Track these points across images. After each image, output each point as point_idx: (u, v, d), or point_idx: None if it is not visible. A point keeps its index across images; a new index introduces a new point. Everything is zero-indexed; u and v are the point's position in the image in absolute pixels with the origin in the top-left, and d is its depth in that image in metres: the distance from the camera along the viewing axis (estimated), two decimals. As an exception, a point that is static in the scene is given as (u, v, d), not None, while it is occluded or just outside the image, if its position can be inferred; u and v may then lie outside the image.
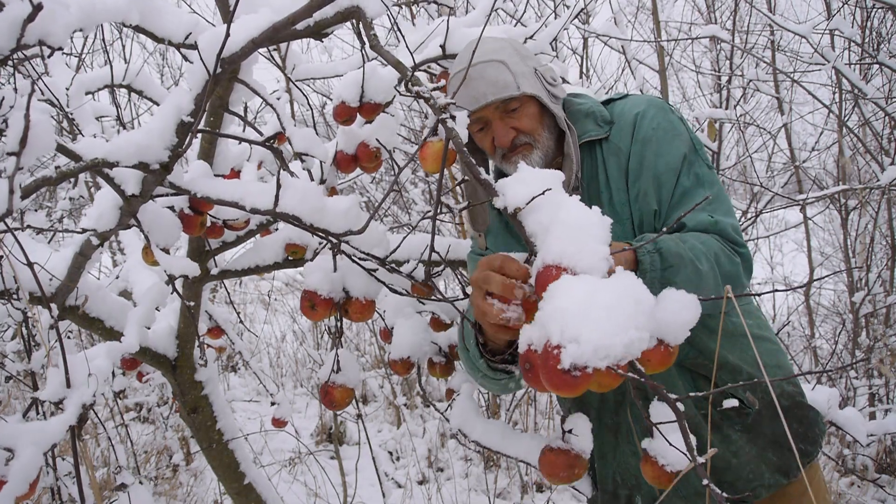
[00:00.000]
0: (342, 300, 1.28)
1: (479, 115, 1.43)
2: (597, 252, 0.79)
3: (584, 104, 1.50)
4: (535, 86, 1.41)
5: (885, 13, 4.06)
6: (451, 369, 1.66)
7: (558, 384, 0.71)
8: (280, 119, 1.44)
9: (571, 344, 0.69)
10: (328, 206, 1.15)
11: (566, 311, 0.71)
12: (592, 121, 1.46)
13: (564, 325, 0.70)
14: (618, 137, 1.43)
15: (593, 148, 1.46)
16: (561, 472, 1.07)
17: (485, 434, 1.57)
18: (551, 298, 0.74)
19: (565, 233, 0.80)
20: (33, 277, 1.09)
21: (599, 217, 0.84)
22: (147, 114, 5.12)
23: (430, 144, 1.31)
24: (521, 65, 1.42)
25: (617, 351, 0.69)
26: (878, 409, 3.91)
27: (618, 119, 1.45)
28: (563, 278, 0.76)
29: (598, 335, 0.68)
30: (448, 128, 0.94)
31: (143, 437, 4.66)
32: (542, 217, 0.85)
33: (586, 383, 0.70)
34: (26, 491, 1.07)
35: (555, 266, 0.79)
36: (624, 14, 4.91)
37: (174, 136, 1.21)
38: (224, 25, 1.16)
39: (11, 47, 0.95)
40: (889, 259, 4.18)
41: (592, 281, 0.74)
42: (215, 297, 6.64)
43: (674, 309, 0.79)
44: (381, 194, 5.13)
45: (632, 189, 1.40)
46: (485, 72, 1.39)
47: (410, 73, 1.04)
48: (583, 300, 0.71)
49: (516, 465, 4.05)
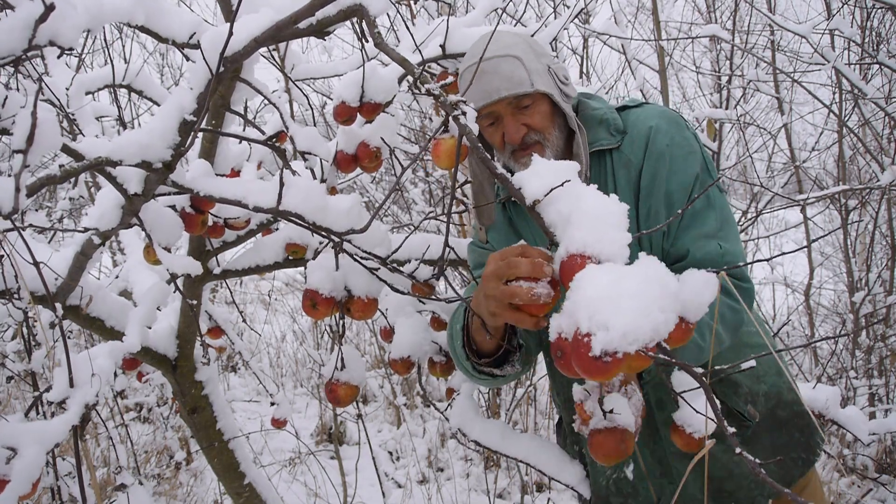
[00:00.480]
0: (344, 299, 1.28)
1: (490, 109, 1.41)
2: (618, 240, 0.82)
3: (598, 110, 1.47)
4: (548, 83, 1.40)
5: (885, 13, 4.06)
6: (451, 369, 1.66)
7: (591, 370, 0.73)
8: (282, 117, 1.44)
9: (601, 331, 0.72)
10: (330, 205, 1.15)
11: (594, 300, 0.74)
12: (605, 129, 1.44)
13: (593, 313, 0.73)
14: (629, 149, 1.41)
15: (603, 157, 1.44)
16: (613, 449, 1.08)
17: (484, 434, 1.58)
18: (578, 288, 0.77)
19: (586, 222, 0.83)
20: (38, 276, 1.09)
21: (617, 205, 0.86)
22: (147, 114, 5.12)
23: (443, 141, 1.31)
24: (536, 62, 1.40)
25: (645, 335, 0.71)
26: (878, 409, 3.91)
27: (631, 129, 1.43)
28: (589, 267, 0.78)
29: (625, 321, 0.71)
30: (461, 124, 0.94)
31: (143, 437, 4.66)
32: (563, 207, 0.87)
33: (618, 368, 0.73)
34: (29, 490, 1.07)
35: (579, 255, 0.82)
36: (624, 14, 4.92)
37: (176, 135, 1.21)
38: (227, 24, 1.16)
39: (24, 48, 0.95)
40: (889, 259, 4.18)
41: (617, 269, 0.77)
42: (215, 297, 6.65)
43: (696, 288, 0.81)
44: (381, 194, 5.13)
45: (642, 206, 1.38)
46: (499, 66, 1.37)
47: (420, 71, 1.04)
48: (609, 288, 0.74)
49: (516, 465, 4.05)
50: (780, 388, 1.49)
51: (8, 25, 0.95)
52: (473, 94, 1.39)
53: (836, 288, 5.66)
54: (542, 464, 1.56)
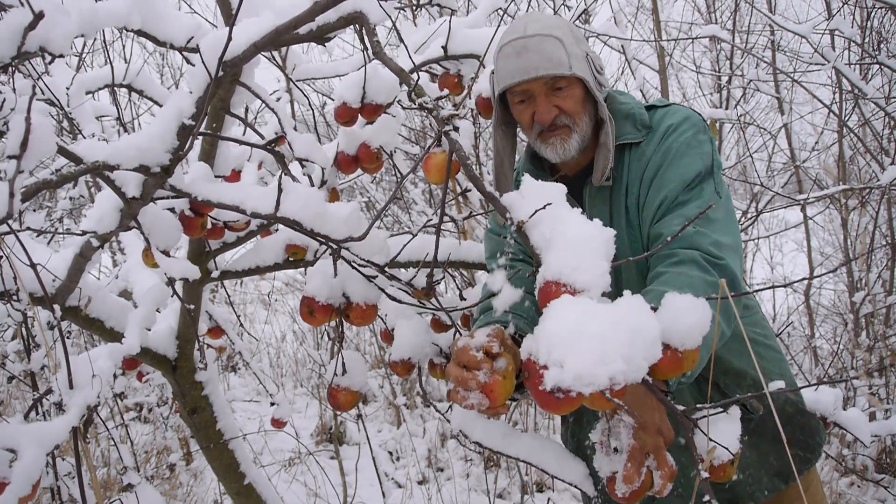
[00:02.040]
0: (343, 305, 1.28)
1: (524, 87, 1.41)
2: (596, 267, 0.79)
3: (626, 104, 1.48)
4: (585, 69, 1.40)
5: (885, 13, 4.06)
6: (451, 370, 1.66)
7: (543, 402, 0.73)
8: (281, 123, 1.44)
9: (555, 367, 0.71)
10: (329, 211, 1.15)
11: (555, 335, 0.73)
12: (631, 123, 1.45)
13: (551, 349, 0.72)
14: (647, 144, 1.43)
15: (624, 150, 1.45)
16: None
17: (485, 435, 1.57)
18: (546, 318, 0.76)
19: (566, 247, 0.81)
20: (36, 278, 1.09)
21: (600, 230, 0.84)
22: (147, 114, 5.12)
23: (434, 156, 1.31)
24: (575, 46, 1.40)
25: (601, 381, 0.70)
26: (878, 409, 3.91)
27: (655, 127, 1.44)
28: (561, 300, 0.77)
29: (581, 364, 0.70)
30: (451, 140, 0.94)
31: (143, 437, 4.66)
32: (545, 230, 0.86)
33: (571, 405, 0.72)
34: (29, 492, 1.07)
35: (554, 282, 0.81)
36: (624, 14, 4.91)
37: (175, 139, 1.21)
38: (226, 29, 1.16)
39: (12, 55, 0.95)
40: (889, 259, 4.18)
41: (588, 306, 0.75)
42: (215, 297, 6.64)
43: (676, 313, 0.80)
44: (381, 194, 5.13)
45: (641, 195, 1.40)
46: (541, 45, 1.36)
47: (414, 83, 1.04)
48: (573, 326, 0.72)
49: (516, 466, 4.05)
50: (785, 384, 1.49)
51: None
52: (510, 70, 1.39)
53: (836, 288, 5.65)
54: (544, 462, 1.56)
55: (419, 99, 0.98)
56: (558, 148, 1.44)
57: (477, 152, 4.17)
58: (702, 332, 0.81)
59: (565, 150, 1.44)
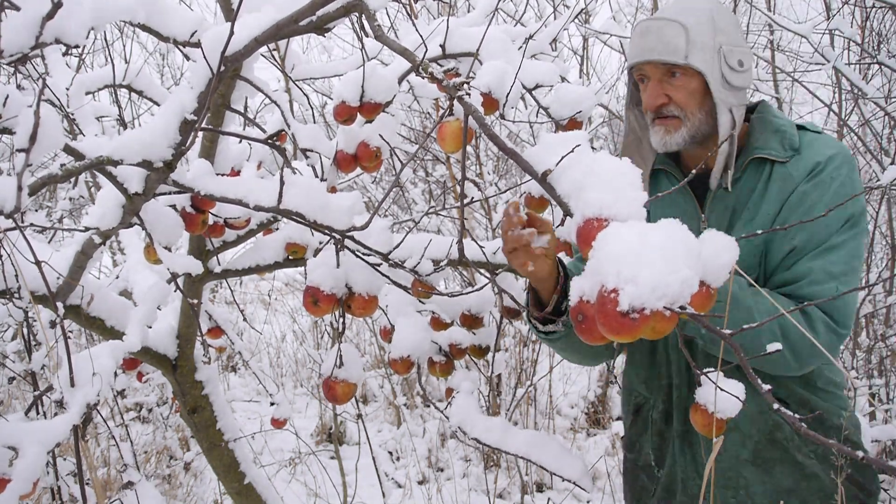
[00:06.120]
0: (345, 296, 1.28)
1: (642, 69, 1.39)
2: (634, 199, 0.80)
3: (779, 119, 1.42)
4: (707, 62, 1.33)
5: (885, 13, 4.06)
6: (451, 368, 1.66)
7: (617, 328, 0.71)
8: (283, 115, 1.44)
9: (629, 285, 0.70)
10: (332, 202, 1.15)
11: (621, 255, 0.72)
12: (779, 140, 1.39)
13: (620, 268, 0.71)
14: (794, 167, 1.36)
15: (764, 164, 1.39)
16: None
17: (485, 431, 1.57)
18: (602, 246, 0.75)
19: (601, 184, 0.82)
20: (40, 276, 1.09)
21: (630, 166, 0.84)
22: (147, 114, 5.12)
23: (448, 124, 1.29)
24: (706, 36, 1.34)
25: (674, 289, 0.69)
26: (877, 409, 3.91)
27: (804, 150, 1.37)
28: (612, 226, 0.76)
29: (655, 275, 0.69)
30: (466, 104, 0.93)
31: (143, 437, 4.66)
32: (576, 174, 0.86)
33: (644, 326, 0.70)
34: (30, 490, 1.08)
35: (595, 218, 0.81)
36: (624, 14, 4.91)
37: (177, 134, 1.21)
38: (227, 24, 1.17)
39: (31, 45, 0.96)
40: (889, 259, 4.18)
41: (641, 225, 0.75)
42: (215, 297, 6.64)
43: (715, 250, 0.80)
44: (381, 194, 5.14)
45: (778, 220, 1.34)
46: (663, 29, 1.33)
47: (421, 59, 1.04)
48: (636, 242, 0.72)
49: (516, 465, 4.05)
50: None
51: (15, 23, 0.95)
52: (632, 50, 1.38)
53: (835, 288, 5.64)
54: (543, 459, 1.56)
55: (430, 70, 0.98)
56: (662, 137, 1.40)
57: (477, 152, 4.17)
58: (728, 272, 0.82)
59: (667, 142, 1.39)
